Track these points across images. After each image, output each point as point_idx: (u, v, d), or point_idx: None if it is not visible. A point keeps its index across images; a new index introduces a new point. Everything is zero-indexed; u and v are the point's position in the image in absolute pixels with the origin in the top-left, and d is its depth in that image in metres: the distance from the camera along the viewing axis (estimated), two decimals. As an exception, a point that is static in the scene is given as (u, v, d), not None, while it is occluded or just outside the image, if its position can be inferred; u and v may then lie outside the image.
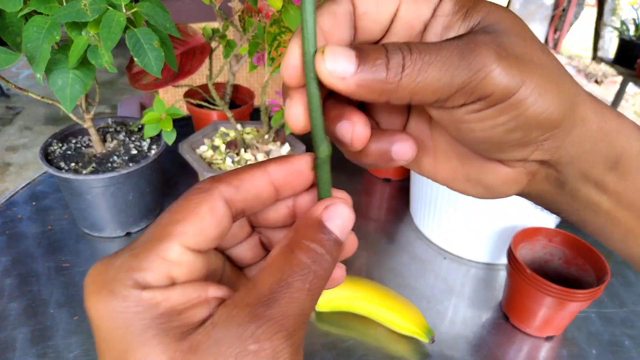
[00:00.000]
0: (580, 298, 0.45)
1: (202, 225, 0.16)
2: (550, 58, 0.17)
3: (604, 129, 0.18)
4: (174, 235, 0.15)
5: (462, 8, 0.18)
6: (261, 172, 0.18)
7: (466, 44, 0.16)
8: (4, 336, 0.47)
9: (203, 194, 0.16)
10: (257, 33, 0.62)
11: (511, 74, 0.16)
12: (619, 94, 2.07)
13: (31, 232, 0.61)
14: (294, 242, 0.16)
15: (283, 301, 0.15)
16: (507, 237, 0.58)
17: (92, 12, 0.41)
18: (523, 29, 0.18)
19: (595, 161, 0.18)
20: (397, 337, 0.50)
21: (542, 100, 0.16)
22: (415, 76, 0.16)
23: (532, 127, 0.17)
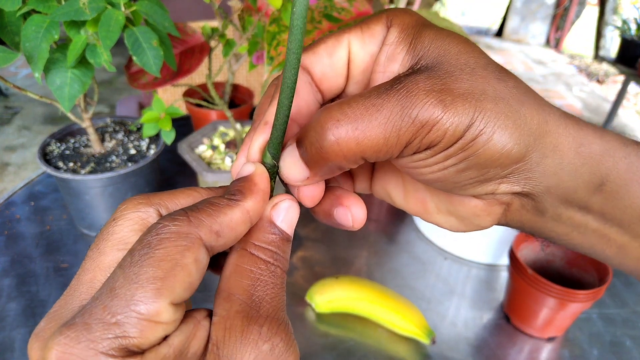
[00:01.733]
0: (581, 299, 0.45)
1: (190, 280, 0.14)
2: (508, 87, 0.16)
3: (583, 153, 0.17)
4: (163, 295, 0.13)
5: (407, 37, 0.17)
6: (240, 213, 0.16)
7: (406, 96, 0.15)
8: (3, 337, 0.47)
9: (184, 241, 0.14)
10: (256, 32, 0.61)
11: (458, 117, 0.15)
12: (621, 94, 2.07)
13: (29, 232, 0.61)
14: (250, 246, 0.17)
15: (267, 298, 0.16)
16: (509, 238, 0.57)
17: (90, 11, 0.41)
18: (474, 57, 0.16)
19: (577, 187, 0.17)
20: (398, 338, 0.50)
21: (496, 137, 0.15)
22: (357, 145, 0.15)
23: (488, 165, 0.16)
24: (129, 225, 0.16)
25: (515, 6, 3.77)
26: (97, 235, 0.17)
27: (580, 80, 3.18)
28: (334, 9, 0.54)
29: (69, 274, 0.55)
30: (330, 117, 0.16)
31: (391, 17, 0.18)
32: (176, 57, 0.62)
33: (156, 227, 0.15)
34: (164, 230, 0.14)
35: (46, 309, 0.50)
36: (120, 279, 0.14)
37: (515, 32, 3.87)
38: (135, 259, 0.14)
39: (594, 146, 0.17)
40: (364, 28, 0.19)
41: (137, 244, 0.14)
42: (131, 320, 0.13)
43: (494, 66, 0.16)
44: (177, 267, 0.14)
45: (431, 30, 0.17)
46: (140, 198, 0.17)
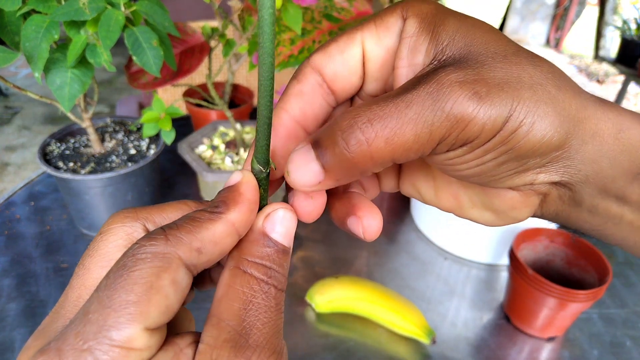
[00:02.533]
0: (581, 299, 0.45)
1: (166, 303, 0.13)
2: (543, 72, 0.15)
3: (622, 140, 0.16)
4: (136, 321, 0.13)
5: (429, 26, 0.16)
6: (223, 226, 0.15)
7: (437, 89, 0.14)
8: (3, 337, 0.47)
9: (160, 262, 0.13)
10: (256, 32, 0.61)
11: (496, 110, 0.14)
12: (621, 94, 2.07)
13: (29, 232, 0.61)
14: (243, 262, 0.15)
15: (259, 324, 0.14)
16: (509, 238, 0.57)
17: (90, 11, 0.41)
18: (502, 44, 0.15)
19: (615, 175, 0.16)
20: (398, 338, 0.50)
21: (536, 127, 0.15)
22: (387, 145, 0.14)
23: (528, 156, 0.15)
24: (114, 240, 0.16)
25: (515, 6, 3.77)
26: (85, 251, 0.16)
27: (580, 80, 3.18)
28: (334, 9, 0.54)
29: (69, 274, 0.55)
30: (360, 116, 0.15)
31: (406, 8, 0.17)
32: (176, 57, 0.62)
33: (133, 247, 0.14)
34: (140, 251, 0.14)
35: (46, 309, 0.50)
36: (94, 303, 0.13)
37: (515, 32, 3.87)
38: (109, 282, 0.13)
39: (633, 132, 0.16)
40: (378, 22, 0.17)
41: (114, 265, 0.14)
42: (103, 347, 0.12)
43: (525, 52, 0.16)
44: (151, 290, 0.13)
45: (454, 18, 0.16)
46: (127, 212, 0.17)
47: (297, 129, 0.18)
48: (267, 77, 0.15)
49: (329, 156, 0.15)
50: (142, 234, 0.16)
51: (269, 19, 0.14)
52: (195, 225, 0.15)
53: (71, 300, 0.15)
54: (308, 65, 0.18)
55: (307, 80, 0.18)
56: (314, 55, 0.18)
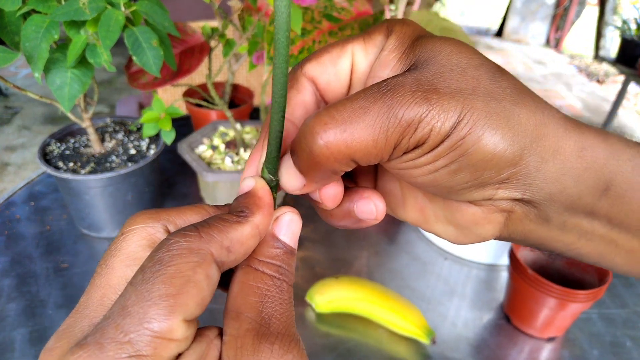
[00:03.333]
0: (581, 299, 0.45)
1: (202, 295, 0.14)
2: (501, 86, 0.16)
3: (586, 157, 0.16)
4: (176, 312, 0.13)
5: (402, 45, 0.18)
6: (250, 228, 0.16)
7: (392, 97, 0.15)
8: (3, 337, 0.47)
9: (195, 257, 0.14)
10: (256, 32, 0.61)
11: (445, 114, 0.15)
12: (621, 94, 2.07)
13: (29, 232, 0.61)
14: (255, 262, 0.17)
15: (277, 315, 0.15)
16: (509, 238, 0.57)
17: (90, 11, 0.41)
18: (464, 58, 0.16)
19: (581, 193, 0.16)
20: (398, 338, 0.50)
21: (486, 137, 0.15)
22: (346, 148, 0.15)
23: (481, 168, 0.16)
24: (137, 240, 0.16)
25: (515, 6, 3.77)
26: (106, 251, 0.17)
27: (580, 80, 3.18)
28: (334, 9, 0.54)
29: (69, 274, 0.55)
30: (319, 121, 0.15)
31: (391, 27, 0.18)
32: (176, 57, 0.62)
33: (167, 243, 0.14)
34: (175, 246, 0.14)
35: (46, 309, 0.50)
36: (132, 296, 0.13)
37: (515, 32, 3.87)
38: (147, 276, 0.14)
39: (597, 149, 0.16)
40: (366, 38, 0.19)
41: (148, 260, 0.14)
42: (144, 338, 0.13)
43: (487, 66, 0.16)
44: (189, 283, 0.14)
45: (426, 39, 0.17)
46: (148, 213, 0.17)
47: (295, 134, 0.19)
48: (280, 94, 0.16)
49: (299, 161, 0.17)
50: (163, 234, 0.17)
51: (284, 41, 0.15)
52: (226, 226, 0.16)
53: (95, 300, 0.16)
54: (302, 75, 0.19)
55: (305, 90, 0.19)
56: (307, 65, 0.19)
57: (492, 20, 4.29)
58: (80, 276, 0.55)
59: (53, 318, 0.49)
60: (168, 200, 0.68)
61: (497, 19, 4.18)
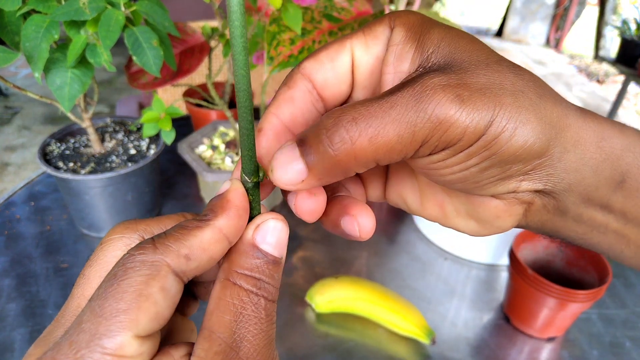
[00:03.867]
0: (581, 299, 0.45)
1: (156, 309, 0.13)
2: (525, 80, 0.16)
3: (604, 148, 0.16)
4: (125, 329, 0.13)
5: (415, 35, 0.17)
6: (211, 232, 0.15)
7: (421, 91, 0.14)
8: (3, 337, 0.47)
9: (148, 270, 0.14)
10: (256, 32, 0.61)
11: (478, 114, 0.14)
12: (621, 94, 2.07)
13: (29, 232, 0.61)
14: (232, 274, 0.15)
15: (249, 336, 0.15)
16: (509, 238, 0.57)
17: (90, 11, 0.41)
18: (485, 53, 0.16)
19: (598, 184, 0.16)
20: (398, 338, 0.50)
21: (518, 133, 0.15)
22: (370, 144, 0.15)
23: (510, 162, 0.15)
24: (112, 251, 0.16)
25: (515, 6, 3.76)
26: (87, 261, 0.17)
27: (580, 80, 3.18)
28: (334, 9, 0.54)
29: (69, 274, 0.55)
30: (345, 114, 0.15)
31: (394, 18, 0.18)
32: (176, 57, 0.62)
33: (124, 257, 0.14)
34: (129, 260, 0.14)
35: (46, 309, 0.50)
36: (87, 312, 0.13)
37: (515, 32, 3.87)
38: (101, 292, 0.14)
39: (614, 140, 0.16)
40: (366, 31, 0.18)
41: (106, 275, 0.14)
42: (95, 355, 0.13)
43: (507, 61, 0.16)
44: (140, 297, 0.13)
45: (439, 28, 0.17)
46: (127, 223, 0.17)
47: (287, 133, 0.18)
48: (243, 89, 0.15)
49: (313, 154, 0.15)
50: None
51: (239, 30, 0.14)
52: (184, 233, 0.15)
53: (71, 310, 0.16)
54: (298, 72, 0.18)
55: (297, 87, 0.18)
56: (304, 62, 0.18)
57: (492, 20, 4.29)
58: (80, 276, 0.55)
59: (53, 318, 0.49)
60: (168, 200, 0.68)
61: (497, 19, 4.18)
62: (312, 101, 0.19)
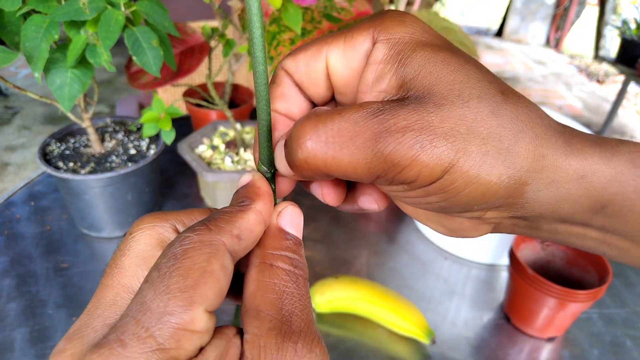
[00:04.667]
0: (581, 299, 0.45)
1: (219, 286, 0.14)
2: (504, 121, 0.15)
3: (584, 184, 0.15)
4: (196, 303, 0.13)
5: (397, 56, 0.16)
6: (254, 215, 0.16)
7: (382, 129, 0.15)
8: (3, 337, 0.47)
9: (209, 248, 0.14)
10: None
11: (435, 160, 0.14)
12: (621, 94, 2.07)
13: (29, 232, 0.61)
14: (268, 257, 0.16)
15: (297, 312, 0.15)
16: (509, 238, 0.57)
17: (90, 11, 0.41)
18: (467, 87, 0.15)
19: (575, 212, 0.16)
20: (398, 338, 0.50)
21: (481, 178, 0.15)
22: (325, 166, 0.15)
23: (471, 203, 0.16)
24: (147, 240, 0.16)
25: (515, 6, 3.76)
26: (115, 252, 0.17)
27: (580, 80, 3.18)
28: (334, 9, 0.54)
29: (69, 274, 0.55)
30: (304, 132, 0.15)
31: (379, 30, 0.17)
32: (176, 57, 0.62)
33: (178, 239, 0.15)
34: (187, 240, 0.14)
35: (46, 309, 0.50)
36: (150, 293, 0.13)
37: (515, 32, 3.87)
38: (162, 272, 0.14)
39: (598, 174, 0.15)
40: (347, 39, 0.17)
41: (161, 258, 0.14)
42: (167, 331, 0.13)
43: (491, 96, 0.15)
44: (205, 274, 0.14)
45: (425, 51, 0.16)
46: (157, 214, 0.17)
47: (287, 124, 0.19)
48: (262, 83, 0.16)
49: (288, 157, 0.17)
50: (172, 234, 0.17)
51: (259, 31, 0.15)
52: (232, 215, 0.16)
53: (107, 300, 0.15)
54: (281, 69, 0.19)
55: (284, 83, 0.19)
56: (285, 60, 0.19)
57: (492, 20, 4.29)
58: (80, 276, 0.55)
59: (53, 318, 0.49)
60: (168, 200, 0.68)
61: (497, 19, 4.18)
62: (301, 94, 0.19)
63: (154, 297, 0.13)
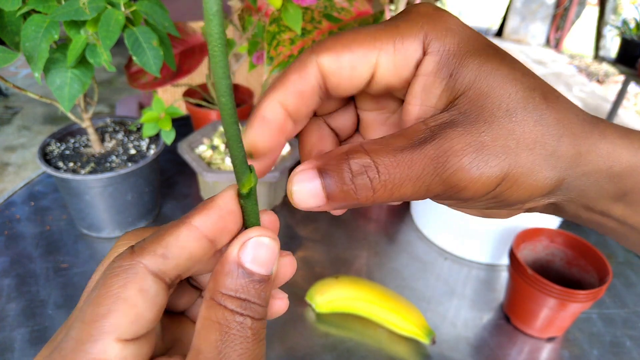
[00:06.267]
0: (581, 299, 0.45)
1: (135, 311, 0.14)
2: (547, 125, 0.16)
3: (612, 170, 0.17)
4: (106, 332, 0.13)
5: (447, 68, 0.16)
6: (187, 230, 0.15)
7: (439, 154, 0.15)
8: (3, 337, 0.47)
9: (125, 273, 0.14)
10: (256, 32, 0.61)
11: (491, 174, 0.15)
12: (621, 94, 2.07)
13: (29, 232, 0.61)
14: (216, 294, 0.15)
15: (234, 355, 0.14)
16: (509, 238, 0.57)
17: (90, 11, 0.41)
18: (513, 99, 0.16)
19: (600, 197, 0.17)
20: (398, 338, 0.50)
21: (529, 182, 0.16)
22: (389, 195, 0.16)
23: (516, 203, 0.17)
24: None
25: (515, 6, 3.76)
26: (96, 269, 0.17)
27: (580, 80, 3.18)
28: (334, 9, 0.54)
29: (69, 274, 0.55)
30: (370, 165, 0.15)
31: (429, 40, 0.16)
32: (176, 57, 0.62)
33: (109, 266, 0.15)
34: (111, 267, 0.14)
35: (46, 309, 0.50)
36: (74, 320, 0.14)
37: (515, 32, 3.86)
38: (86, 300, 0.14)
39: (624, 164, 0.17)
40: (398, 43, 0.17)
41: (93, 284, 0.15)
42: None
43: (535, 105, 0.16)
44: (118, 301, 0.13)
45: (474, 64, 0.16)
46: (136, 231, 0.17)
47: (288, 123, 0.18)
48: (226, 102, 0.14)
49: (335, 190, 0.16)
50: None
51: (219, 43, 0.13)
52: (161, 234, 0.15)
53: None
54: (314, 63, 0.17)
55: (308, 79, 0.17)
56: (324, 56, 0.17)
57: (492, 20, 4.29)
58: (80, 276, 0.55)
59: (53, 318, 0.49)
60: (168, 200, 0.68)
61: (497, 19, 4.18)
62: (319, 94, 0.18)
63: (75, 324, 0.14)
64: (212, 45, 0.13)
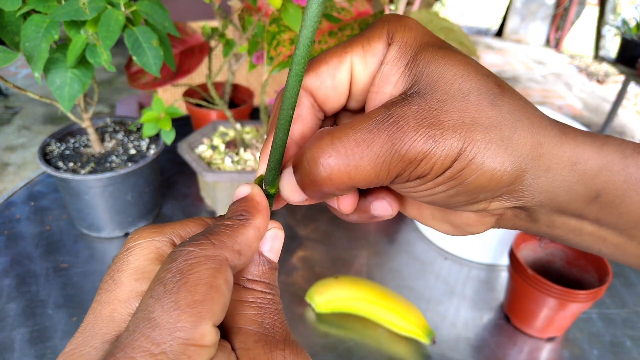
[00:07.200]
0: (581, 299, 0.45)
1: (224, 300, 0.14)
2: (502, 112, 0.16)
3: (578, 171, 0.16)
4: (205, 318, 0.13)
5: (404, 57, 0.17)
6: (254, 231, 0.17)
7: (395, 129, 0.16)
8: (3, 337, 0.47)
9: (213, 264, 0.15)
10: (256, 32, 0.61)
11: (447, 149, 0.16)
12: (621, 94, 2.07)
13: (29, 232, 0.61)
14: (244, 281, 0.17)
15: (277, 323, 0.16)
16: (509, 238, 0.57)
17: (90, 11, 0.41)
18: (467, 82, 0.16)
19: (571, 200, 0.17)
20: (398, 338, 0.50)
21: (486, 166, 0.16)
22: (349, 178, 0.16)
23: (477, 191, 0.17)
24: (144, 254, 0.16)
25: (515, 6, 3.76)
26: (110, 267, 0.17)
27: (580, 80, 3.18)
28: (334, 9, 0.54)
29: (69, 274, 0.55)
30: (322, 151, 0.16)
31: (392, 33, 0.18)
32: (176, 57, 0.62)
33: (182, 253, 0.15)
34: (192, 255, 0.15)
35: (46, 309, 0.50)
36: (157, 308, 0.13)
37: (515, 32, 3.86)
38: (169, 287, 0.14)
39: (590, 162, 0.16)
40: (365, 45, 0.18)
41: (165, 272, 0.14)
42: (178, 347, 0.13)
43: (489, 89, 0.16)
44: (211, 289, 0.14)
45: (429, 51, 0.17)
46: (153, 227, 0.17)
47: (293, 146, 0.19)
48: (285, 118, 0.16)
49: (302, 182, 0.17)
50: (170, 247, 0.17)
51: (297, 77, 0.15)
52: (232, 230, 0.16)
53: (104, 316, 0.15)
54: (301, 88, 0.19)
55: (302, 104, 0.19)
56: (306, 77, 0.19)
57: (492, 20, 4.29)
58: (80, 276, 0.55)
59: (53, 318, 0.49)
60: (168, 200, 0.68)
61: (497, 19, 4.18)
62: (315, 113, 0.20)
63: (162, 312, 0.13)
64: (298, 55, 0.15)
